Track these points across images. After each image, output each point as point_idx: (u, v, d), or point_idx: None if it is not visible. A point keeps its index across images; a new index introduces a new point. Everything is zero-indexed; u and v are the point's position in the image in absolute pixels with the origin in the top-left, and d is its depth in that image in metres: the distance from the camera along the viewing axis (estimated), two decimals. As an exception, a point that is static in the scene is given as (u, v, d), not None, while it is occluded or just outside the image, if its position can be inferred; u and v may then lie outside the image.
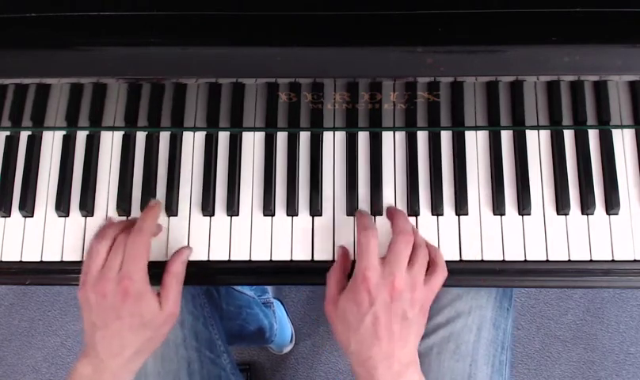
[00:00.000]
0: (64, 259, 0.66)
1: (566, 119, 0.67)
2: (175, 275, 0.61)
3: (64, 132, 0.69)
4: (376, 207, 0.66)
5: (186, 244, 0.66)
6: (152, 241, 0.62)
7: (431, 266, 0.59)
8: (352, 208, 0.66)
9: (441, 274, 0.59)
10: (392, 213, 0.62)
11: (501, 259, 0.64)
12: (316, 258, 0.65)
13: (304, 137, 0.69)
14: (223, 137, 0.69)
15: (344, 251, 0.63)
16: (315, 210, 0.66)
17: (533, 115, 0.67)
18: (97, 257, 0.58)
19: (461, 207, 0.65)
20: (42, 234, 0.67)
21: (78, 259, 0.66)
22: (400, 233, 0.58)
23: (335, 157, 0.68)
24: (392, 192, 0.67)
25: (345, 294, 0.57)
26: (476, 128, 0.68)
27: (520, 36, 0.56)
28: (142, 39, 0.56)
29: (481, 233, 0.65)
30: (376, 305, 0.54)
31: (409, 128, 0.68)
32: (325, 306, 0.59)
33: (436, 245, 0.65)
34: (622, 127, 0.67)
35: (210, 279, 0.67)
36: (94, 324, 0.57)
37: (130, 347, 0.57)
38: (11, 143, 0.69)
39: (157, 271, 0.61)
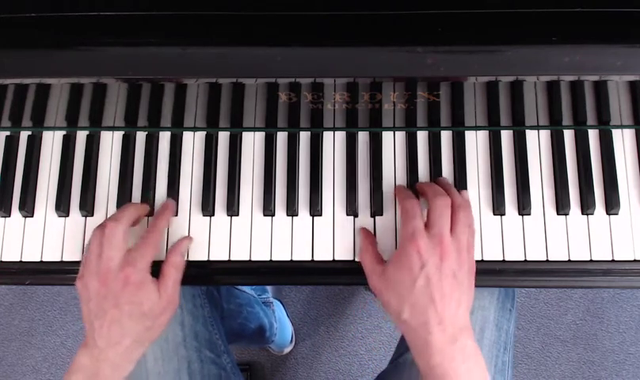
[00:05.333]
0: (64, 259, 0.66)
1: (566, 119, 0.67)
2: (174, 265, 0.62)
3: (64, 132, 0.69)
4: (376, 207, 0.66)
5: (186, 244, 0.66)
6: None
7: None
8: (352, 208, 0.66)
9: (472, 232, 0.60)
10: (421, 185, 0.64)
11: (501, 259, 0.64)
12: (316, 258, 0.65)
13: (304, 137, 0.69)
14: (223, 137, 0.69)
15: (366, 230, 0.64)
16: (315, 210, 0.66)
17: (533, 115, 0.67)
18: (95, 246, 0.59)
19: (461, 207, 0.65)
20: (42, 234, 0.67)
21: (78, 259, 0.66)
22: (436, 196, 0.59)
23: (335, 157, 0.68)
24: (392, 192, 0.67)
25: (394, 262, 0.57)
26: (476, 128, 0.68)
27: (520, 36, 0.56)
28: (142, 39, 0.56)
29: (481, 233, 0.65)
30: (428, 266, 0.54)
31: (409, 128, 0.68)
32: (370, 281, 0.59)
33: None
34: (622, 127, 0.67)
35: (210, 279, 0.67)
36: (92, 313, 0.57)
37: (130, 335, 0.58)
38: (11, 143, 0.69)
39: (155, 270, 0.61)
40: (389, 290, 0.57)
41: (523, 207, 0.65)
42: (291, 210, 0.66)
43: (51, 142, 0.69)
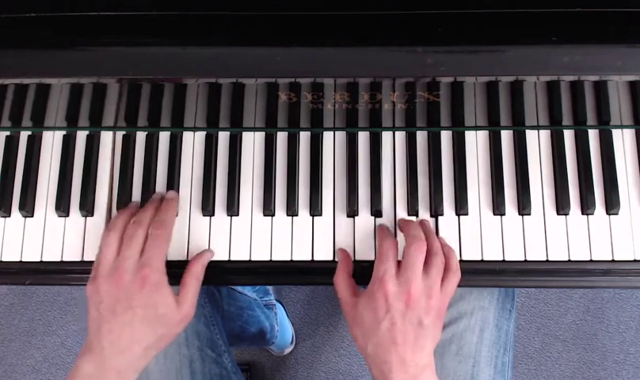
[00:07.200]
0: (64, 259, 0.66)
1: (566, 119, 0.67)
2: (195, 276, 0.61)
3: (64, 132, 0.69)
4: (376, 207, 0.66)
5: (186, 244, 0.66)
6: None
7: (445, 270, 0.59)
8: (352, 208, 0.66)
9: (455, 277, 0.60)
10: (404, 222, 0.63)
11: (501, 259, 0.64)
12: (316, 258, 0.65)
13: (304, 137, 0.69)
14: (223, 137, 0.69)
15: (344, 253, 0.64)
16: (315, 210, 0.66)
17: (533, 115, 0.67)
18: (109, 248, 0.58)
19: (461, 207, 0.65)
20: (42, 234, 0.67)
21: (78, 259, 0.66)
22: (413, 241, 0.58)
23: (335, 157, 0.68)
24: (392, 192, 0.67)
25: (362, 300, 0.58)
26: (476, 128, 0.68)
27: (520, 36, 0.56)
28: (142, 39, 0.56)
29: (481, 233, 0.65)
30: (392, 311, 0.55)
31: (409, 128, 0.68)
32: (343, 309, 0.60)
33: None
34: (622, 127, 0.67)
35: (210, 278, 0.67)
36: (102, 317, 0.56)
37: (140, 342, 0.56)
38: (11, 143, 0.69)
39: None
40: (357, 324, 0.58)
41: (523, 207, 0.65)
42: (291, 210, 0.66)
43: (51, 142, 0.69)
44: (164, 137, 0.69)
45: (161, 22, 0.57)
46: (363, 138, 0.68)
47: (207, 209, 0.66)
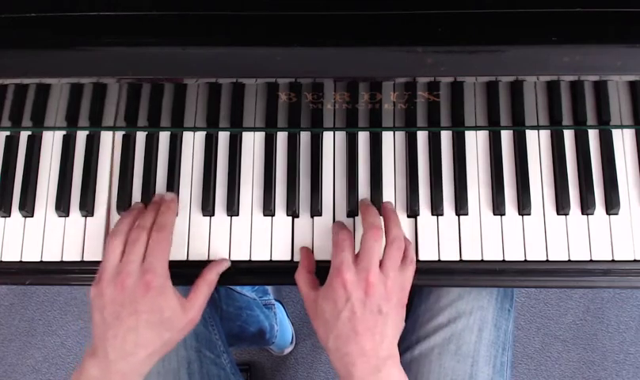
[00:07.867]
0: (64, 259, 0.66)
1: (566, 119, 0.67)
2: (208, 283, 0.62)
3: (64, 132, 0.69)
4: (376, 207, 0.66)
5: (186, 244, 0.66)
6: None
7: (402, 259, 0.60)
8: (352, 208, 0.66)
9: (412, 266, 0.60)
10: (363, 207, 0.63)
11: (501, 259, 0.64)
12: (316, 258, 0.65)
13: (304, 137, 0.69)
14: (223, 137, 0.69)
15: (306, 251, 0.65)
16: (315, 210, 0.66)
17: (533, 115, 0.67)
18: (113, 253, 0.58)
19: (461, 207, 0.65)
20: (42, 234, 0.67)
21: (78, 259, 0.66)
22: (369, 229, 0.59)
23: (335, 157, 0.68)
24: (392, 192, 0.67)
25: (322, 292, 0.58)
26: (476, 128, 0.68)
27: (519, 36, 0.56)
28: (142, 39, 0.56)
29: (481, 233, 0.65)
30: (352, 300, 0.55)
31: (409, 128, 0.68)
32: (305, 306, 0.61)
33: (436, 245, 0.65)
34: (622, 127, 0.67)
35: (210, 279, 0.67)
36: (106, 322, 0.56)
37: (145, 347, 0.56)
38: (11, 143, 0.69)
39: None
40: (318, 318, 0.58)
41: (523, 207, 0.65)
42: (291, 210, 0.66)
43: (51, 142, 0.69)
44: (164, 137, 0.69)
45: (161, 22, 0.57)
46: (363, 138, 0.68)
47: (207, 209, 0.66)
